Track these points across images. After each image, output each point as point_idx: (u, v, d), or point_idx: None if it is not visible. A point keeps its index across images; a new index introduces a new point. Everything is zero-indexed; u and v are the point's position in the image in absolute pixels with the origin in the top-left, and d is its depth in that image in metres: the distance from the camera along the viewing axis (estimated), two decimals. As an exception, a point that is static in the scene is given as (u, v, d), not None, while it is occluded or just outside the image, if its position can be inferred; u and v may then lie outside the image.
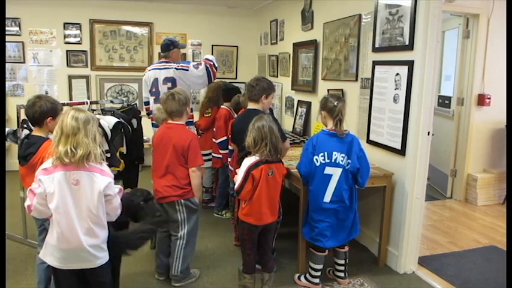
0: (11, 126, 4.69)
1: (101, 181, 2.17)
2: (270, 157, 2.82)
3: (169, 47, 4.41)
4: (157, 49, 6.69)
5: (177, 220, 3.14)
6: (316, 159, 3.01)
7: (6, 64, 6.29)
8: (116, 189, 2.26)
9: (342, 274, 3.30)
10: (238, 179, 2.87)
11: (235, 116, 4.24)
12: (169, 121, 3.16)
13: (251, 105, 3.38)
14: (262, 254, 3.04)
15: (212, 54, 6.99)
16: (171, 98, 3.07)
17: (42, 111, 2.59)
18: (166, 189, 3.07)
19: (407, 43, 3.29)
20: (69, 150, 2.09)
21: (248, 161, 2.85)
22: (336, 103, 3.00)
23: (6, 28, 6.20)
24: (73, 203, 2.14)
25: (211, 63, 4.25)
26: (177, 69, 4.28)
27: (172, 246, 3.21)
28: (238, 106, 4.35)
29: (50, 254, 2.23)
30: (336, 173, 2.99)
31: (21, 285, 3.23)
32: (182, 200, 3.09)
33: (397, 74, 3.41)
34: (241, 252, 3.09)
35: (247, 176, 2.81)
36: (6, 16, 6.12)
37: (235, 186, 2.90)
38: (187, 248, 3.18)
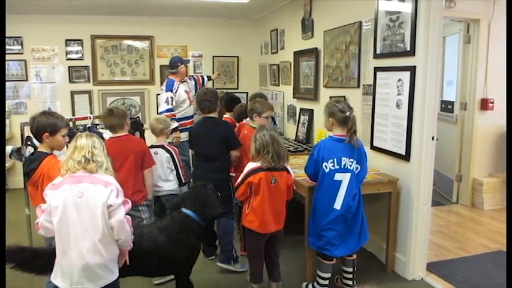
0: (15, 144, 4.71)
1: (104, 192, 2.11)
2: (272, 164, 2.84)
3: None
4: (158, 62, 6.78)
5: (143, 220, 3.40)
6: (326, 166, 2.99)
7: (9, 83, 6.34)
8: (120, 199, 2.16)
9: (350, 282, 3.27)
10: (239, 178, 2.99)
11: (237, 125, 4.27)
12: (113, 135, 3.43)
13: (208, 115, 3.74)
14: (269, 262, 3.03)
15: (213, 65, 7.10)
16: (109, 114, 3.40)
17: (38, 127, 2.61)
18: (131, 197, 3.17)
19: (408, 49, 3.30)
20: (83, 160, 2.12)
21: (250, 166, 2.93)
22: (348, 113, 2.98)
23: (9, 47, 6.26)
24: (77, 217, 2.10)
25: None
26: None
27: None
28: (240, 116, 4.33)
29: (58, 276, 2.18)
30: (345, 178, 2.98)
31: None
32: (144, 202, 3.44)
33: (399, 80, 3.41)
34: (248, 261, 3.07)
35: (245, 179, 2.90)
36: (9, 35, 6.17)
37: (236, 183, 3.03)
38: None
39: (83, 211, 2.10)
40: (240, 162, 3.64)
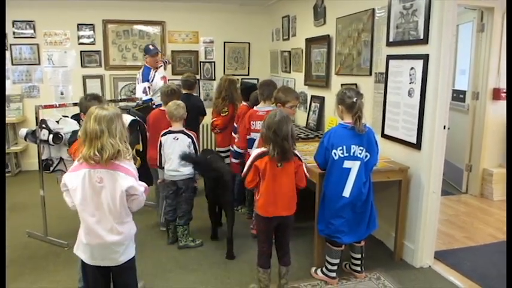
0: (29, 127, 4.77)
1: (125, 181, 2.15)
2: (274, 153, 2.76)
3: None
4: (170, 48, 6.82)
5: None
6: (335, 153, 3.01)
7: (22, 66, 6.42)
8: (141, 188, 2.24)
9: (359, 268, 3.31)
10: (246, 166, 2.96)
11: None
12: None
13: (187, 92, 4.90)
14: (279, 248, 3.05)
15: (224, 51, 7.14)
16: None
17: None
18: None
19: (422, 37, 3.28)
20: (92, 154, 2.10)
21: (255, 151, 2.91)
22: (355, 99, 2.99)
23: (21, 31, 6.32)
24: (96, 201, 2.16)
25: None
26: None
27: None
28: (257, 102, 4.33)
29: (80, 248, 2.29)
30: (354, 166, 3.00)
31: (43, 282, 3.29)
32: None
33: (412, 68, 3.40)
34: (257, 244, 3.10)
35: (251, 164, 2.86)
36: (21, 19, 6.26)
37: (243, 172, 2.99)
38: None
39: (102, 196, 2.16)
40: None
